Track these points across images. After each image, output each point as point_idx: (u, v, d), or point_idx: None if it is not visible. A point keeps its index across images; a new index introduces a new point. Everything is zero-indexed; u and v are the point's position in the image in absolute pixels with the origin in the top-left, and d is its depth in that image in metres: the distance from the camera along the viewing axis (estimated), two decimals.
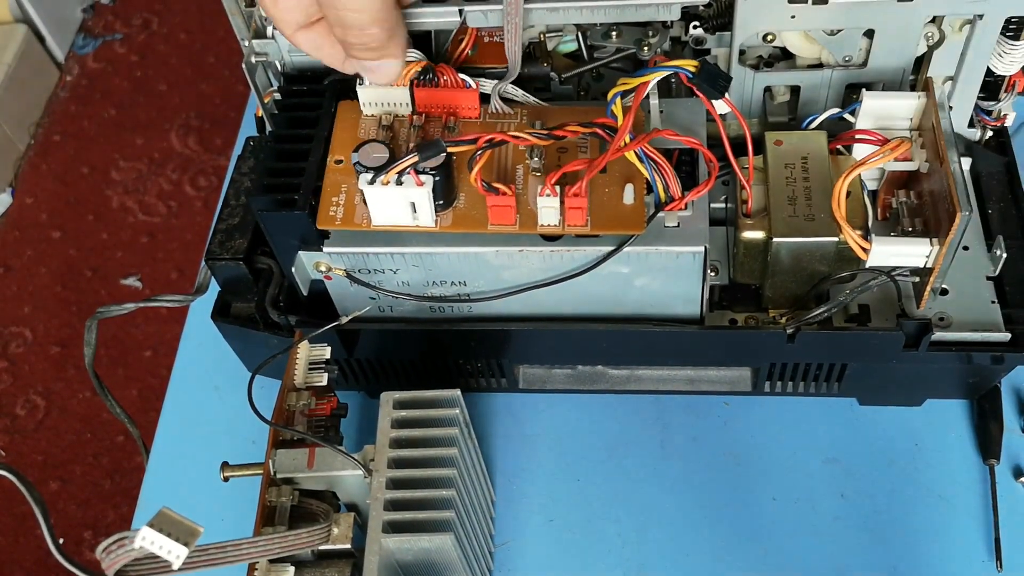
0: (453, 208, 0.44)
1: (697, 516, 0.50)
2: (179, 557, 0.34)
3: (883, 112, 0.45)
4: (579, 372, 0.53)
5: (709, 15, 0.47)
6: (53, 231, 1.46)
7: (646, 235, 0.43)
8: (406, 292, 0.47)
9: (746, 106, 0.49)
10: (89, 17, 1.72)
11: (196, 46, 1.66)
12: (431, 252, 0.44)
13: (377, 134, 0.45)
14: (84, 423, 1.27)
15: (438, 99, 0.45)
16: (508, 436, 0.53)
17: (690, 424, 0.52)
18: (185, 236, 1.43)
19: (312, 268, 0.47)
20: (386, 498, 0.40)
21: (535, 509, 0.51)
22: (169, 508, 0.35)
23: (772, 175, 0.45)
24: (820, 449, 0.51)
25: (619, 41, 0.50)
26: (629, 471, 0.51)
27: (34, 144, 1.56)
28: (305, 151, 0.45)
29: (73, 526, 1.18)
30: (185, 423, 0.57)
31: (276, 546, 0.38)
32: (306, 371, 0.44)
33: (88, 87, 1.63)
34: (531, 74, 0.49)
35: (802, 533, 0.49)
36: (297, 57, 0.48)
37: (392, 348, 0.51)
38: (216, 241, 0.49)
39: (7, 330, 1.36)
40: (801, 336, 0.46)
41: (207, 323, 0.51)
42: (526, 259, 0.44)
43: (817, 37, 0.45)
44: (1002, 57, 0.46)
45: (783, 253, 0.44)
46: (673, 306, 0.46)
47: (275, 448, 0.41)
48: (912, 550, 0.48)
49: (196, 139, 1.53)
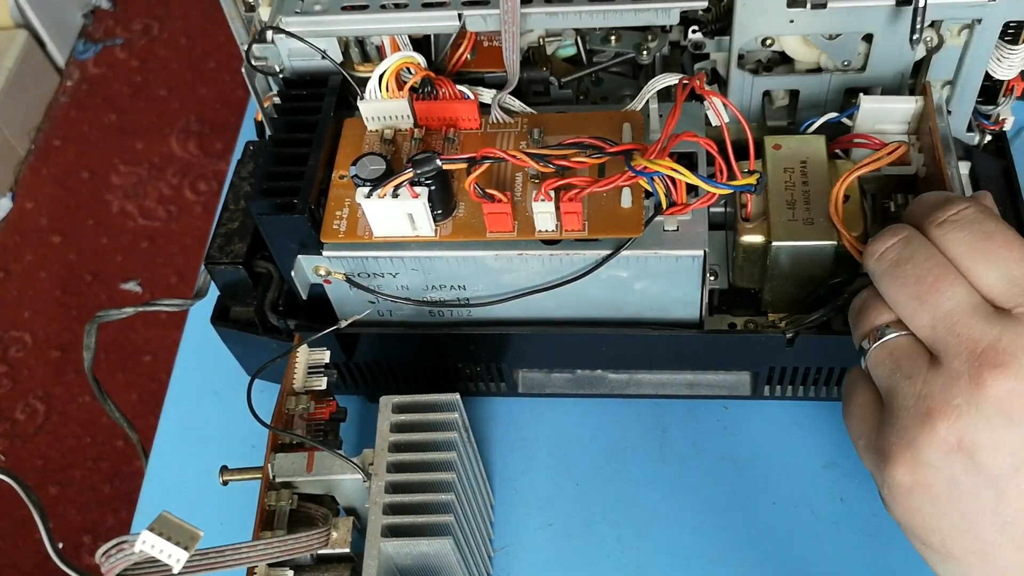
0: (453, 218, 0.44)
1: (696, 520, 0.50)
2: (179, 561, 0.34)
3: (881, 116, 0.45)
4: (578, 376, 0.53)
5: (708, 19, 0.47)
6: (53, 235, 1.46)
7: (645, 239, 0.43)
8: (405, 296, 0.47)
9: (745, 110, 0.49)
10: (89, 22, 1.72)
11: (196, 51, 1.66)
12: (430, 256, 0.44)
13: (380, 148, 0.45)
14: (84, 427, 1.27)
15: (437, 111, 0.45)
16: (507, 440, 0.53)
17: (689, 428, 0.52)
18: (185, 240, 1.43)
19: (311, 272, 0.47)
20: (385, 502, 0.40)
21: (534, 513, 0.51)
22: (169, 512, 0.35)
23: (771, 179, 0.45)
24: (820, 453, 0.51)
25: (618, 45, 0.50)
26: (628, 475, 0.51)
27: (34, 149, 1.57)
28: (304, 155, 0.45)
29: (72, 530, 1.18)
30: (184, 427, 0.57)
31: (275, 550, 0.38)
32: (305, 375, 0.44)
33: (88, 92, 1.63)
34: (530, 78, 0.49)
35: (802, 537, 0.49)
36: (297, 62, 0.48)
37: (391, 352, 0.51)
38: (215, 245, 0.49)
39: (7, 334, 1.36)
40: (800, 340, 0.46)
41: (206, 327, 0.51)
42: (525, 263, 0.44)
43: (816, 42, 0.46)
44: (1000, 61, 0.46)
45: (782, 257, 0.44)
46: (672, 310, 0.46)
47: (274, 452, 0.41)
48: (911, 554, 0.47)
49: (196, 143, 1.53)
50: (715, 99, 0.42)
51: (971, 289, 0.33)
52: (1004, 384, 0.31)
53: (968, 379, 0.31)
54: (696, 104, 0.45)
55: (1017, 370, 0.31)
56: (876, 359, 0.35)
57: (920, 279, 0.33)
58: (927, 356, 0.33)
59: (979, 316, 0.32)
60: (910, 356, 0.34)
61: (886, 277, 0.35)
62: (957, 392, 0.31)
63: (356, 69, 0.48)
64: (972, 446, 0.31)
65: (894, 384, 0.34)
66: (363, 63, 0.49)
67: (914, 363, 0.33)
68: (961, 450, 0.31)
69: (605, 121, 0.45)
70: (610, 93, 0.53)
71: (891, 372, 0.34)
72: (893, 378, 0.34)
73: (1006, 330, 0.31)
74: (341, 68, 0.47)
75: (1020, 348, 0.31)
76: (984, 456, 0.31)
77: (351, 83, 0.46)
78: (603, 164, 0.42)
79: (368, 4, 0.46)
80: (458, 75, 0.47)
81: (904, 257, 0.34)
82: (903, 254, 0.35)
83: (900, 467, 0.33)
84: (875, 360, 0.35)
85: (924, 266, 0.34)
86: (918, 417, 0.32)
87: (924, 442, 0.32)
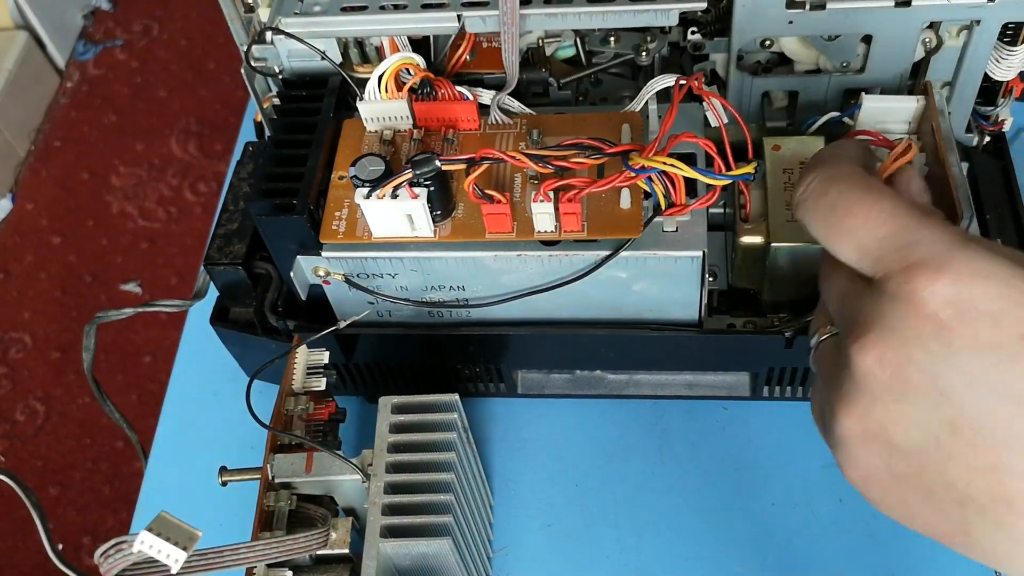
0: (452, 218, 0.44)
1: (695, 521, 0.50)
2: (178, 561, 0.35)
3: (882, 115, 0.45)
4: (578, 377, 0.53)
5: (707, 21, 0.47)
6: (53, 236, 1.46)
7: (645, 240, 0.43)
8: (405, 297, 0.47)
9: (744, 111, 0.49)
10: (89, 23, 1.72)
11: (196, 52, 1.66)
12: (430, 257, 0.44)
13: (379, 149, 0.45)
14: (83, 428, 1.27)
15: (437, 112, 0.45)
16: (506, 441, 0.53)
17: (689, 429, 0.52)
18: (184, 241, 1.43)
19: (311, 273, 0.47)
20: (384, 503, 0.40)
21: (533, 514, 0.51)
22: (168, 512, 0.35)
23: (771, 180, 0.45)
24: (819, 454, 0.51)
25: (617, 47, 0.50)
26: (627, 476, 0.51)
27: (34, 150, 1.57)
28: (303, 156, 0.45)
29: (72, 531, 1.18)
30: (184, 428, 0.57)
31: (274, 551, 0.38)
32: (304, 376, 0.44)
33: (88, 93, 1.63)
34: (529, 79, 0.49)
35: (801, 538, 0.49)
36: (296, 63, 0.48)
37: (391, 353, 0.51)
38: (215, 246, 0.49)
39: (7, 335, 1.36)
40: (800, 341, 0.46)
41: (206, 328, 0.51)
42: (524, 264, 0.44)
43: (815, 43, 0.46)
44: (999, 62, 0.46)
45: (782, 258, 0.44)
46: (672, 311, 0.46)
47: (273, 453, 0.42)
48: (911, 555, 0.48)
49: (196, 145, 1.53)
50: (714, 100, 0.42)
51: (843, 269, 0.32)
52: (872, 358, 0.29)
53: (847, 364, 0.30)
54: (695, 105, 0.46)
55: (878, 339, 0.29)
56: (812, 358, 0.35)
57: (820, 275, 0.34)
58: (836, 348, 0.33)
59: (851, 294, 0.31)
60: (827, 352, 0.33)
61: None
62: (846, 378, 0.30)
63: (355, 70, 0.48)
64: (879, 429, 0.30)
65: (821, 376, 0.34)
66: (362, 64, 0.49)
67: (829, 359, 0.33)
68: (876, 438, 0.30)
69: (604, 122, 0.45)
70: (609, 94, 0.53)
71: (819, 368, 0.34)
72: (821, 372, 0.34)
73: (864, 301, 0.30)
74: (340, 69, 0.47)
75: (877, 317, 0.29)
76: (896, 435, 0.30)
77: (350, 84, 0.46)
78: (602, 165, 0.42)
79: (367, 5, 0.46)
80: (457, 76, 0.47)
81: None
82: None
83: (843, 467, 0.32)
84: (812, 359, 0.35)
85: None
86: (834, 405, 0.31)
87: (836, 440, 0.31)
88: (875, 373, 0.29)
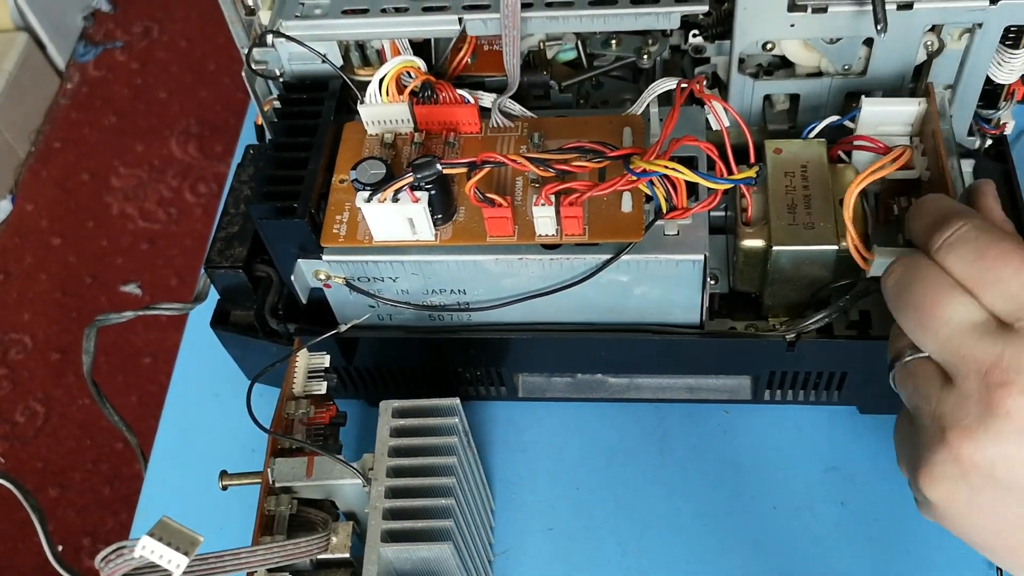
0: (453, 222, 0.44)
1: (697, 524, 0.50)
2: (179, 566, 0.34)
3: (883, 119, 0.45)
4: (579, 380, 0.53)
5: (708, 23, 0.47)
6: (53, 238, 1.46)
7: (646, 243, 0.42)
8: (405, 300, 0.47)
9: (745, 114, 0.49)
10: (90, 25, 1.72)
11: (196, 54, 1.66)
12: (431, 260, 0.44)
13: (380, 153, 0.45)
14: (83, 430, 1.27)
15: (437, 116, 0.45)
16: (507, 444, 0.53)
17: (690, 432, 0.52)
18: (185, 243, 1.43)
19: (311, 276, 0.47)
20: (385, 507, 0.40)
21: (534, 517, 0.51)
22: (169, 517, 0.35)
23: (772, 183, 0.45)
24: (820, 457, 0.51)
25: (618, 49, 0.50)
26: (628, 479, 0.51)
27: (35, 151, 1.57)
28: (304, 159, 0.45)
29: (72, 533, 1.18)
30: (184, 431, 0.57)
31: (275, 555, 0.38)
32: (305, 379, 0.44)
33: (88, 94, 1.63)
34: (531, 82, 0.49)
35: (803, 541, 0.49)
36: (297, 66, 0.48)
37: (391, 356, 0.51)
38: (215, 249, 0.49)
39: (7, 336, 1.36)
40: (801, 344, 0.46)
41: (206, 331, 0.51)
42: (525, 267, 0.44)
43: (816, 46, 0.46)
44: (1001, 66, 0.46)
45: (783, 261, 0.44)
46: (673, 314, 0.46)
47: (274, 457, 0.41)
48: (913, 559, 0.48)
49: (196, 146, 1.53)
50: (715, 103, 0.42)
51: (973, 308, 0.33)
52: (1013, 401, 0.31)
53: (978, 399, 0.31)
54: (696, 108, 0.45)
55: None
56: (899, 380, 0.36)
57: (918, 306, 0.34)
58: (941, 377, 0.34)
59: (980, 335, 0.32)
60: (926, 378, 0.34)
61: (893, 306, 0.36)
62: (967, 412, 0.32)
63: (356, 73, 0.48)
64: (989, 463, 0.31)
65: (915, 404, 0.35)
66: (363, 67, 0.49)
67: (929, 384, 0.34)
68: (977, 468, 0.32)
69: (605, 125, 0.45)
70: (610, 97, 0.53)
71: (911, 393, 0.35)
72: (913, 399, 0.35)
73: (1008, 346, 0.31)
74: (341, 72, 0.47)
75: (1023, 363, 0.31)
76: (1002, 471, 0.31)
77: (351, 87, 0.46)
78: (604, 169, 0.42)
79: (368, 8, 0.46)
80: (458, 79, 0.47)
81: (903, 284, 0.35)
82: (901, 281, 0.35)
83: (924, 483, 0.33)
84: (898, 381, 0.36)
85: (920, 292, 0.34)
86: (934, 437, 0.33)
87: (940, 460, 0.32)
88: (1012, 416, 0.31)
